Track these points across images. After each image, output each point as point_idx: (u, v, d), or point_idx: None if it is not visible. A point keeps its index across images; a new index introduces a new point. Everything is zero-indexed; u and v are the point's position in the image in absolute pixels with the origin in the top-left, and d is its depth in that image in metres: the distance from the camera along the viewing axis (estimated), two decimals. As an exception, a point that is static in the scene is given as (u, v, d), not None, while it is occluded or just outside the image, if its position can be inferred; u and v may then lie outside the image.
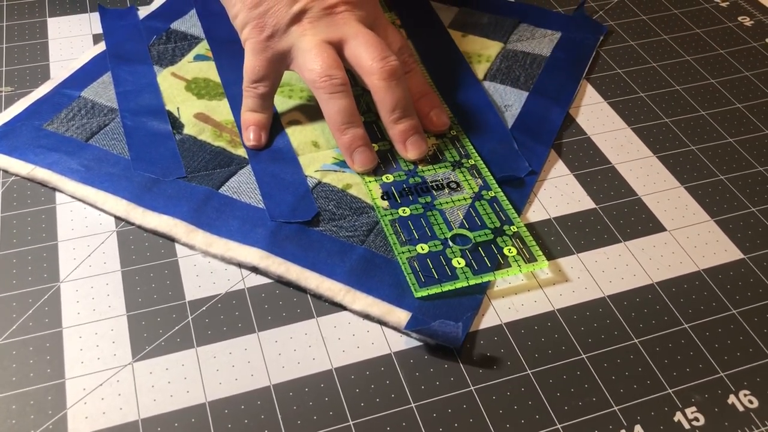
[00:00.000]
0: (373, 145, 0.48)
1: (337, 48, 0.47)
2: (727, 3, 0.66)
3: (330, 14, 0.47)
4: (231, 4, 0.48)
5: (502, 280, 0.42)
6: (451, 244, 0.43)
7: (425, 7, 0.62)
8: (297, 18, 0.47)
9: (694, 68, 0.59)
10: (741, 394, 0.38)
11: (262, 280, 0.42)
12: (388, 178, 0.47)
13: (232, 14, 0.48)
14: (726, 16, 0.64)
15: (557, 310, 0.41)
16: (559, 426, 0.36)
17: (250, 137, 0.48)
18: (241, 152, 0.48)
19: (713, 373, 0.39)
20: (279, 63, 0.48)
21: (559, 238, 0.45)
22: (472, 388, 0.38)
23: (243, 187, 0.46)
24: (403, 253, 0.42)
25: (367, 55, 0.46)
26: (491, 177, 0.47)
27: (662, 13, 0.64)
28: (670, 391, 0.38)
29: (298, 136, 0.50)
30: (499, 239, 0.44)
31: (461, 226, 0.44)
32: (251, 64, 0.47)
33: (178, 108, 0.51)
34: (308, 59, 0.46)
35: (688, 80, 0.57)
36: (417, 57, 0.56)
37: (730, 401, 0.38)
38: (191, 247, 0.43)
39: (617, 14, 0.64)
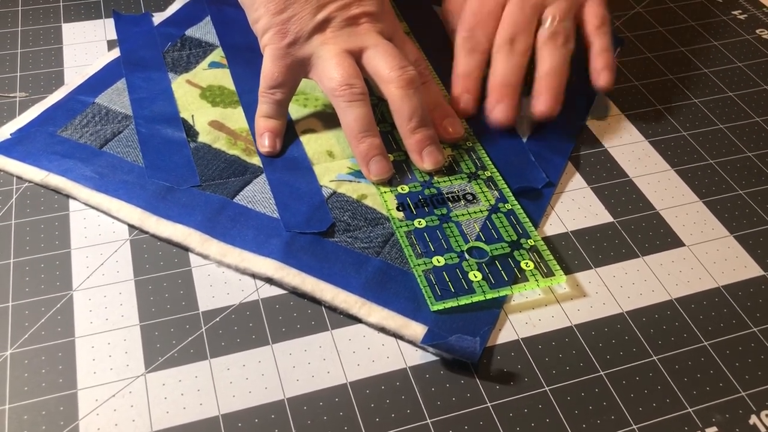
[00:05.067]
0: (389, 155, 0.48)
1: (356, 57, 0.47)
2: (745, 15, 0.65)
3: (352, 25, 0.47)
4: (253, 8, 0.48)
5: (519, 294, 0.42)
6: (467, 257, 0.43)
7: (434, 20, 0.62)
8: (320, 27, 0.46)
9: (712, 81, 0.58)
10: (763, 414, 0.37)
11: (276, 291, 0.41)
12: (404, 188, 0.47)
13: (253, 18, 0.48)
14: (744, 29, 0.64)
15: (575, 325, 0.41)
16: (577, 444, 0.36)
17: (265, 144, 0.48)
18: (256, 161, 0.48)
19: (734, 393, 0.38)
20: (298, 70, 0.47)
21: (576, 252, 0.44)
22: (488, 404, 0.37)
23: (258, 196, 0.45)
24: (418, 265, 0.42)
25: (385, 64, 0.46)
26: (508, 189, 0.47)
27: (679, 25, 0.64)
28: (690, 410, 0.37)
29: (312, 145, 0.49)
30: (516, 253, 0.43)
31: (477, 238, 0.44)
32: (270, 70, 0.47)
33: (192, 115, 0.51)
34: (329, 68, 0.46)
35: (706, 93, 0.57)
36: (432, 69, 0.56)
37: (751, 422, 0.37)
38: (205, 257, 0.43)
39: (633, 26, 0.64)
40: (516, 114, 0.50)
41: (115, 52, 0.56)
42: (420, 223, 0.44)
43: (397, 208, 0.45)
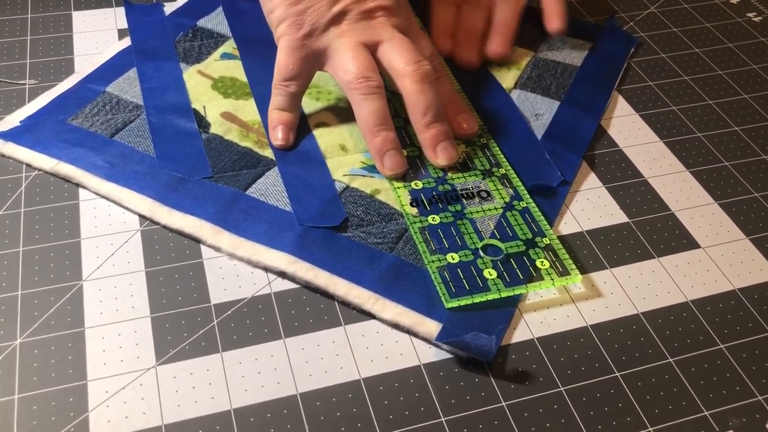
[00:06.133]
0: (402, 150, 0.47)
1: (371, 51, 0.46)
2: (760, 18, 0.65)
3: (368, 18, 0.47)
4: None
5: (534, 293, 0.41)
6: (482, 254, 0.42)
7: None
8: (337, 19, 0.46)
9: (727, 83, 0.58)
10: (780, 419, 0.37)
11: (288, 285, 0.41)
12: (417, 184, 0.46)
13: (268, 8, 0.48)
14: (759, 31, 0.63)
15: (590, 325, 0.40)
16: (593, 446, 0.35)
17: (278, 136, 0.48)
18: (268, 153, 0.47)
19: (751, 397, 0.38)
20: (313, 62, 0.47)
21: (591, 252, 0.44)
22: (503, 403, 0.37)
23: (270, 189, 0.45)
24: (433, 262, 0.41)
25: (401, 58, 0.46)
26: (522, 187, 0.46)
27: (694, 26, 0.64)
28: (706, 413, 0.37)
29: (325, 138, 0.49)
30: (531, 251, 0.43)
31: (492, 236, 0.43)
32: (285, 61, 0.46)
33: (204, 106, 0.50)
34: (345, 60, 0.45)
35: (721, 95, 0.57)
36: (446, 65, 0.55)
37: (769, 426, 0.37)
38: (217, 249, 0.42)
39: (648, 26, 0.63)
40: (480, 58, 0.56)
41: (126, 41, 0.55)
42: (434, 219, 0.44)
43: (411, 204, 0.45)
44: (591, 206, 0.47)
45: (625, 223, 0.46)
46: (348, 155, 0.48)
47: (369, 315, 0.40)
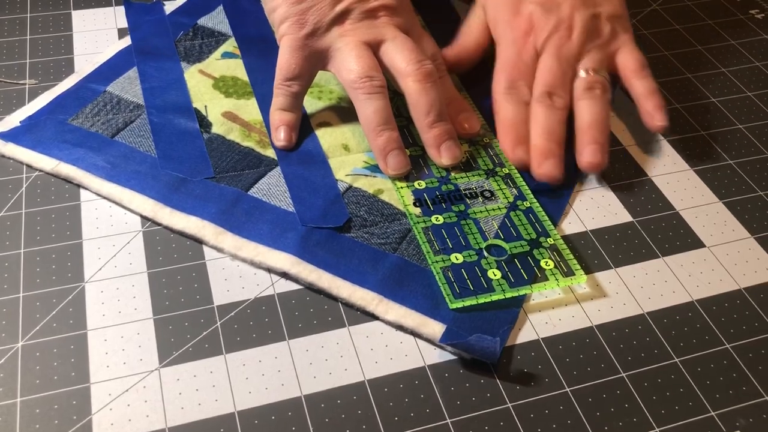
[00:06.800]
0: (405, 150, 0.47)
1: (374, 50, 0.46)
2: (763, 15, 0.65)
3: (370, 17, 0.46)
4: None
5: (539, 293, 0.41)
6: (486, 254, 0.42)
7: (449, 15, 0.61)
8: (340, 18, 0.46)
9: (730, 80, 0.57)
10: (787, 419, 0.37)
11: (292, 286, 0.41)
12: (420, 184, 0.46)
13: (270, 7, 0.47)
14: (762, 28, 0.63)
15: (595, 326, 0.40)
16: (599, 447, 0.35)
17: (281, 137, 0.47)
18: (270, 153, 0.47)
19: (758, 397, 0.37)
20: (315, 62, 0.47)
21: (595, 252, 0.44)
22: (509, 404, 0.36)
23: (273, 189, 0.45)
24: (436, 262, 0.41)
25: (403, 58, 0.46)
26: (526, 187, 0.46)
27: (696, 23, 0.63)
28: (713, 413, 0.37)
29: (328, 138, 0.48)
30: (535, 251, 0.42)
31: (496, 236, 0.43)
32: (287, 61, 0.46)
33: (205, 106, 0.50)
34: (348, 60, 0.45)
35: (724, 92, 0.56)
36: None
37: (776, 426, 0.36)
38: (220, 250, 0.42)
39: (650, 23, 0.63)
40: (563, 169, 0.46)
41: (126, 41, 0.55)
42: (437, 219, 0.44)
43: (414, 204, 0.45)
44: (595, 206, 0.47)
45: (630, 223, 0.46)
46: (351, 155, 0.48)
47: (373, 316, 0.40)
